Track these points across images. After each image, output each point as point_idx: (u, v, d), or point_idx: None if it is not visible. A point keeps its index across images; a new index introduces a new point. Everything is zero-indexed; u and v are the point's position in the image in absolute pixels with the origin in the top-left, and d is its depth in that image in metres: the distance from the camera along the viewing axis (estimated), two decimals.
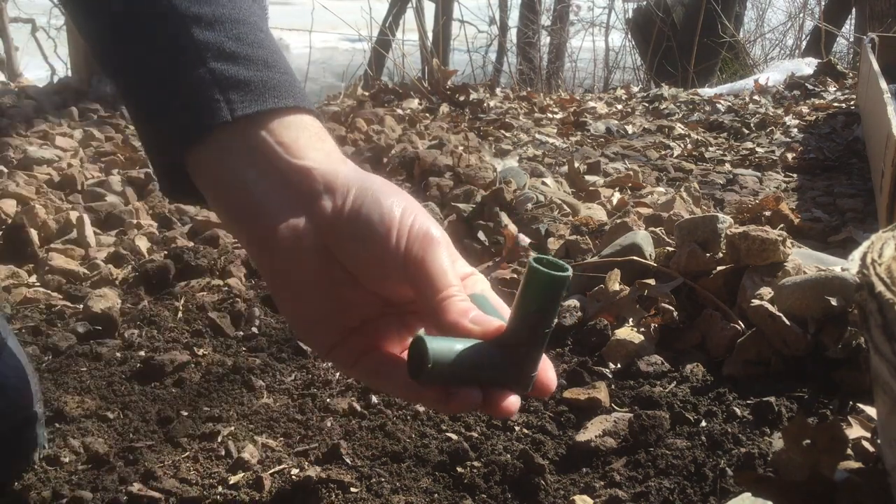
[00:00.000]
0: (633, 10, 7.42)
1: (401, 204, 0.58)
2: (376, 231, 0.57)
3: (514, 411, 0.55)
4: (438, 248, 0.57)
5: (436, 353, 0.51)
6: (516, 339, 0.53)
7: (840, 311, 0.99)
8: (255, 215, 0.59)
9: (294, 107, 0.61)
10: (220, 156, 0.59)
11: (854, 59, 5.29)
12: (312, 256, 0.58)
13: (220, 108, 0.58)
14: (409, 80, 3.46)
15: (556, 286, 0.51)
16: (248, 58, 0.60)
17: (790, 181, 2.16)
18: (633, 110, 3.36)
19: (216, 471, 0.88)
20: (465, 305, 0.55)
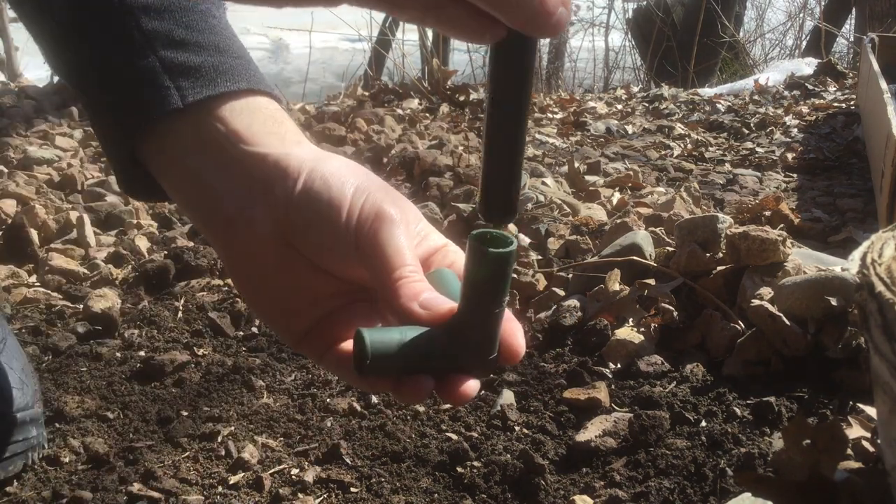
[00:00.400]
0: (633, 10, 7.42)
1: (353, 183, 0.55)
2: (325, 214, 0.54)
3: (470, 396, 0.52)
4: (391, 227, 0.53)
5: (375, 347, 0.49)
6: (467, 323, 0.49)
7: (840, 311, 0.99)
8: (210, 207, 0.58)
9: (247, 89, 0.60)
10: (172, 146, 0.58)
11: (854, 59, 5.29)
12: (270, 245, 0.56)
13: (170, 94, 0.57)
14: (409, 80, 3.46)
15: (500, 263, 0.47)
16: (199, 44, 0.60)
17: (790, 181, 2.16)
18: (633, 110, 3.36)
19: (216, 471, 0.88)
20: (416, 287, 0.51)
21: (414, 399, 0.52)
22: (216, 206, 0.58)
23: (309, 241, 0.56)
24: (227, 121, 0.58)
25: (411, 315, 0.51)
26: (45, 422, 0.94)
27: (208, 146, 0.58)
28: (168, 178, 0.60)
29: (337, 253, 0.55)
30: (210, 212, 0.58)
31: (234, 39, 0.63)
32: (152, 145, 0.59)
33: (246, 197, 0.57)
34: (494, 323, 0.50)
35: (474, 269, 0.48)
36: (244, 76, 0.60)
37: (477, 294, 0.48)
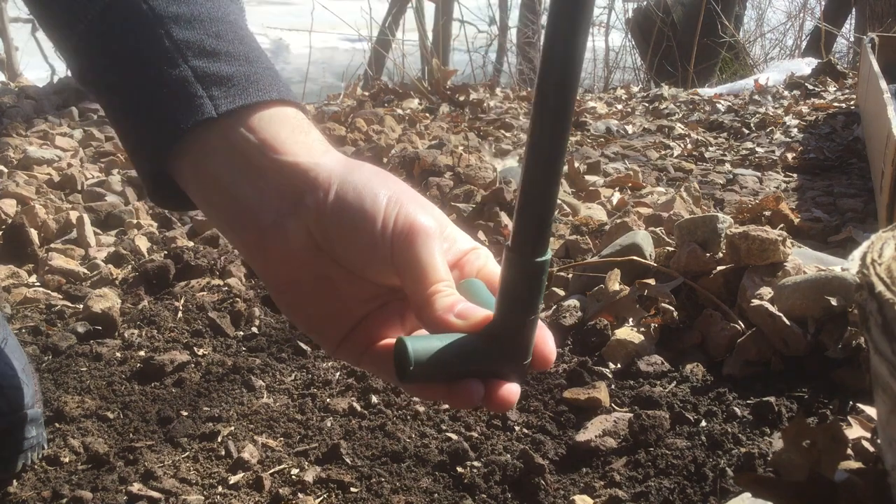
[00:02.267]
0: (633, 9, 7.42)
1: (386, 193, 0.56)
2: (360, 226, 0.55)
3: (512, 402, 0.53)
4: (425, 240, 0.55)
5: (417, 353, 0.50)
6: (503, 330, 0.51)
7: (840, 311, 0.99)
8: (241, 220, 0.58)
9: (277, 99, 0.60)
10: (202, 156, 0.58)
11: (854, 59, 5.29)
12: (305, 256, 0.57)
13: (203, 104, 0.57)
14: (409, 80, 3.46)
15: (536, 272, 0.49)
16: (229, 54, 0.60)
17: (790, 181, 2.16)
18: (633, 110, 3.36)
19: (216, 471, 0.88)
20: (450, 300, 0.53)
21: (467, 403, 0.53)
22: (249, 216, 0.58)
23: (344, 252, 0.57)
24: (257, 130, 0.58)
25: (448, 325, 0.52)
26: (46, 422, 0.95)
27: (238, 156, 0.58)
28: (198, 188, 0.60)
29: (372, 263, 0.56)
30: (243, 222, 0.58)
31: (261, 50, 0.64)
32: (182, 156, 0.59)
33: (278, 207, 0.57)
34: (529, 330, 0.52)
35: (510, 278, 0.50)
36: (274, 87, 0.61)
37: (513, 302, 0.50)
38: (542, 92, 0.45)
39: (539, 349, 0.54)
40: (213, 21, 0.60)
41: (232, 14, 0.62)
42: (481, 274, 0.58)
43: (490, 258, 0.59)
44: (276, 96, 0.60)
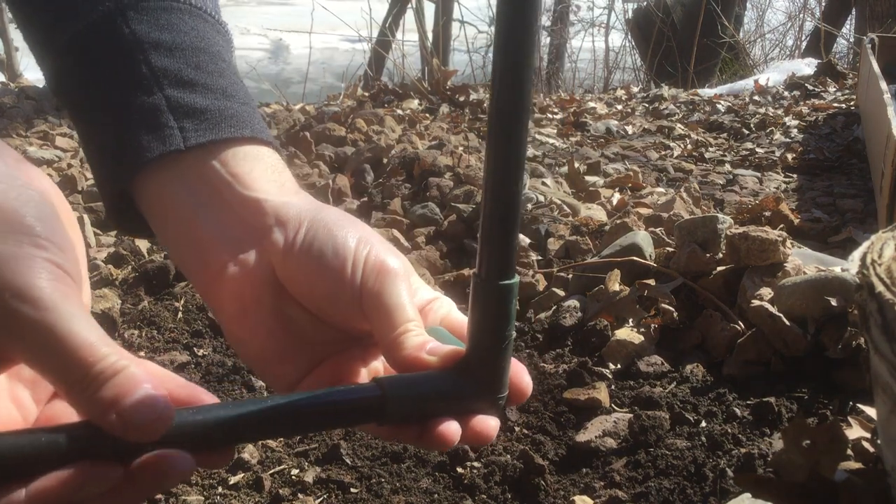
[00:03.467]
0: (633, 10, 7.42)
1: (355, 235, 0.55)
2: (330, 264, 0.54)
3: (490, 436, 0.52)
4: (395, 281, 0.54)
5: (393, 394, 0.49)
6: (476, 360, 0.51)
7: (840, 311, 0.99)
8: (201, 250, 0.57)
9: (251, 137, 0.59)
10: (168, 185, 0.57)
11: (854, 59, 5.29)
12: (265, 294, 0.55)
13: (173, 135, 0.56)
14: (409, 80, 3.46)
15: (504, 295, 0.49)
16: (207, 86, 0.59)
17: (790, 181, 2.16)
18: (633, 111, 3.36)
19: (216, 471, 0.88)
20: (420, 339, 0.52)
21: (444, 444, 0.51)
22: (209, 249, 0.56)
23: (309, 291, 0.55)
24: (228, 165, 0.57)
25: (419, 363, 0.51)
26: None
27: (204, 188, 0.57)
28: (158, 217, 0.58)
29: (338, 303, 0.55)
30: (202, 255, 0.57)
31: (241, 85, 0.63)
32: (146, 183, 0.58)
33: (242, 242, 0.56)
34: (502, 358, 0.51)
35: (479, 304, 0.49)
36: (248, 124, 0.60)
37: (483, 330, 0.50)
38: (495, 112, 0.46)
39: (514, 382, 0.53)
40: (195, 51, 0.59)
41: (216, 45, 0.61)
42: (445, 322, 0.57)
43: (453, 307, 0.58)
44: (249, 134, 0.59)
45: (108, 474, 0.40)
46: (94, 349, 0.41)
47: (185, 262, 0.59)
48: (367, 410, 0.49)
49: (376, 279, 0.53)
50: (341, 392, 0.50)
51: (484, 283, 0.48)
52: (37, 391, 0.49)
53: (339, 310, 0.55)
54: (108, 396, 0.40)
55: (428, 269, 1.43)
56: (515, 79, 0.46)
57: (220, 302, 0.57)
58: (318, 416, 0.48)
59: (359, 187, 1.94)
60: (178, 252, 0.59)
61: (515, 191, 0.47)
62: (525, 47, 0.45)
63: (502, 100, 0.46)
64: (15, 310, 0.39)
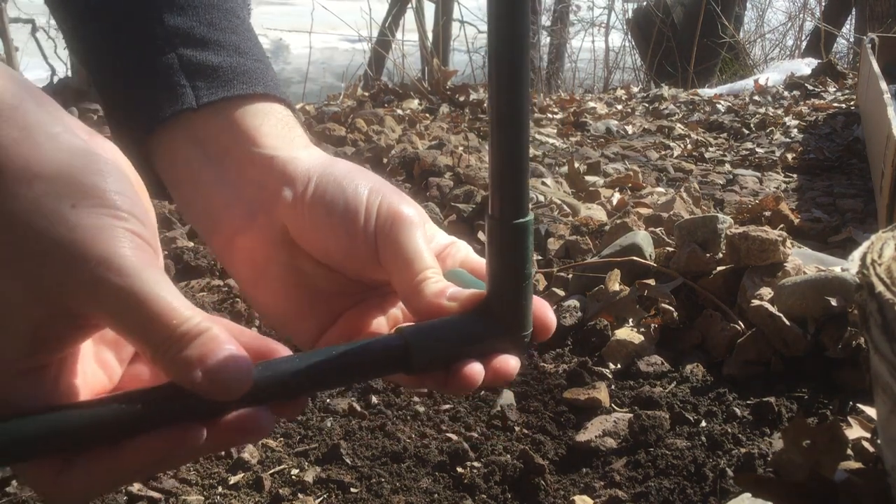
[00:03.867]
0: (633, 10, 7.42)
1: (367, 185, 0.55)
2: (342, 217, 0.53)
3: (511, 374, 0.51)
4: (410, 228, 0.53)
5: (417, 342, 0.49)
6: (497, 302, 0.50)
7: (840, 311, 0.99)
8: (212, 213, 0.57)
9: (263, 94, 0.59)
10: (180, 146, 0.57)
11: (854, 59, 5.29)
12: (278, 253, 0.56)
13: (185, 94, 0.57)
14: (409, 80, 3.46)
15: (520, 233, 0.49)
16: (219, 43, 0.59)
17: (790, 181, 2.16)
18: (633, 110, 3.36)
19: (216, 471, 0.88)
20: (440, 286, 0.51)
21: (469, 387, 0.50)
22: (221, 211, 0.57)
23: (323, 245, 0.55)
24: (238, 122, 0.58)
25: (441, 310, 0.51)
26: None
27: (215, 148, 0.57)
28: (172, 176, 0.59)
29: (353, 255, 0.54)
30: (214, 218, 0.57)
31: (256, 42, 0.63)
32: (160, 144, 0.58)
33: (252, 202, 0.56)
34: (524, 297, 0.51)
35: (496, 246, 0.49)
36: (261, 80, 0.60)
37: (502, 270, 0.49)
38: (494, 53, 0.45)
39: (538, 318, 0.52)
40: (208, 8, 0.59)
41: (229, 2, 0.61)
42: (463, 265, 0.57)
43: (470, 251, 0.58)
44: (262, 90, 0.59)
45: (195, 437, 0.42)
46: (178, 312, 0.41)
47: (199, 225, 0.59)
48: (392, 361, 0.49)
49: (391, 227, 0.53)
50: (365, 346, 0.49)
51: (498, 224, 0.48)
52: (119, 352, 0.50)
53: (355, 261, 0.55)
54: (194, 356, 0.41)
55: None
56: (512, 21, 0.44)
57: (235, 264, 0.57)
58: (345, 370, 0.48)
59: None
60: (192, 215, 0.59)
61: (522, 129, 0.46)
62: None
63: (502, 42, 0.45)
64: (100, 278, 0.41)
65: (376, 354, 0.49)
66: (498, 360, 0.51)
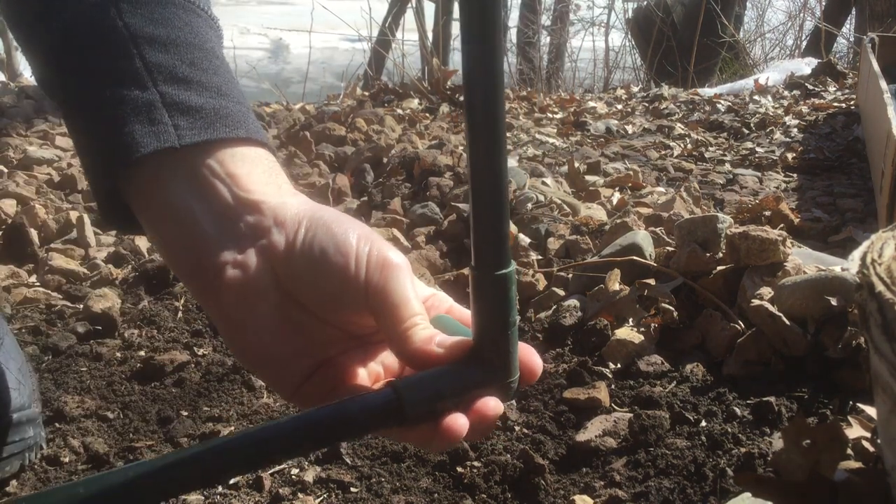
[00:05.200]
0: (633, 9, 7.42)
1: (355, 232, 0.55)
2: (333, 262, 0.54)
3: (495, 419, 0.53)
4: (399, 275, 0.54)
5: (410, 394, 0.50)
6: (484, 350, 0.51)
7: (840, 311, 0.99)
8: (198, 251, 0.56)
9: (246, 138, 0.58)
10: (162, 182, 0.56)
11: (854, 59, 5.29)
12: (267, 296, 0.55)
13: (167, 131, 0.55)
14: (409, 80, 3.46)
15: (502, 284, 0.50)
16: (202, 84, 0.58)
17: (790, 181, 2.16)
18: (633, 110, 3.36)
19: None
20: (429, 332, 0.53)
21: (452, 442, 0.52)
22: (205, 250, 0.55)
23: (312, 291, 0.55)
24: (225, 165, 0.57)
25: (429, 356, 0.52)
26: (45, 422, 0.95)
27: (200, 187, 0.56)
28: (151, 216, 0.57)
29: (342, 302, 0.55)
30: (196, 257, 0.56)
31: (235, 83, 0.62)
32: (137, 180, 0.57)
33: (240, 244, 0.55)
34: (510, 343, 0.52)
35: (480, 296, 0.50)
36: (243, 124, 0.59)
37: (487, 320, 0.51)
38: (470, 106, 0.46)
39: (524, 363, 0.53)
40: (189, 47, 0.59)
41: (209, 42, 0.61)
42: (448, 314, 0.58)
43: (452, 301, 0.59)
44: (245, 134, 0.58)
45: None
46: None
47: (179, 264, 0.58)
48: (386, 416, 0.50)
49: (381, 274, 0.54)
50: (359, 401, 0.51)
51: (481, 275, 0.49)
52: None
53: (344, 307, 0.55)
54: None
55: (428, 268, 1.43)
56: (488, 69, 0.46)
57: (219, 306, 0.56)
58: (340, 427, 0.50)
59: (359, 187, 1.94)
60: (171, 252, 0.58)
61: (500, 181, 0.47)
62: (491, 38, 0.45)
63: (476, 92, 0.46)
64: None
65: (371, 409, 0.50)
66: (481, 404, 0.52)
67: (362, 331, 0.58)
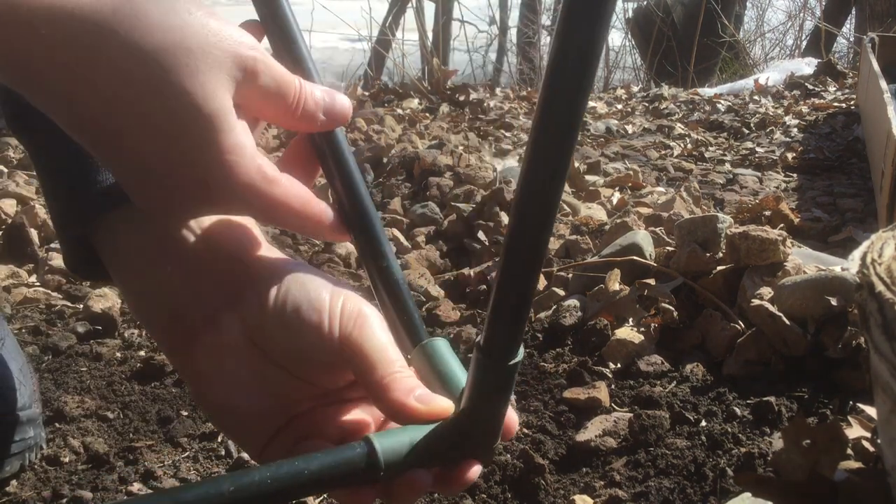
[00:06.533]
0: (633, 9, 7.42)
1: (328, 287, 0.55)
2: (306, 318, 0.53)
3: (474, 479, 0.52)
4: (374, 325, 0.53)
5: (387, 453, 0.48)
6: (475, 426, 0.50)
7: (840, 311, 0.99)
8: (170, 308, 0.55)
9: None
10: (133, 235, 0.56)
11: (854, 59, 5.29)
12: (240, 354, 0.54)
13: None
14: (409, 80, 3.46)
15: (509, 373, 0.48)
16: None
17: (790, 181, 2.16)
18: (633, 110, 3.36)
19: (216, 471, 0.88)
20: (409, 383, 0.52)
21: (413, 497, 0.51)
22: (180, 308, 0.55)
23: (287, 349, 0.54)
24: (198, 220, 0.56)
25: (407, 409, 0.51)
26: (46, 422, 0.95)
27: (174, 244, 0.55)
28: (121, 270, 0.57)
29: (318, 356, 0.54)
30: (172, 314, 0.55)
31: None
32: (108, 230, 0.56)
33: (213, 300, 0.55)
34: (501, 419, 0.51)
35: (480, 381, 0.48)
36: None
37: (484, 403, 0.49)
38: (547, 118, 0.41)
39: (504, 427, 0.53)
40: None
41: None
42: None
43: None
44: None
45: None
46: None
47: (150, 319, 0.57)
48: (359, 471, 0.48)
49: (355, 325, 0.53)
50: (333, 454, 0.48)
51: (488, 361, 0.47)
52: None
53: (318, 364, 0.54)
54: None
55: (428, 268, 1.43)
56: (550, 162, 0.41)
57: (191, 364, 0.56)
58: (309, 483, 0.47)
59: None
60: (142, 307, 0.57)
61: (537, 265, 0.45)
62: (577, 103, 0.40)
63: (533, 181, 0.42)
64: None
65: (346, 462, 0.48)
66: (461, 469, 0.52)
67: (335, 386, 0.57)
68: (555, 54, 0.39)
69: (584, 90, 0.39)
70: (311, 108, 0.54)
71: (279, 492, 0.45)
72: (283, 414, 0.56)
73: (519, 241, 0.44)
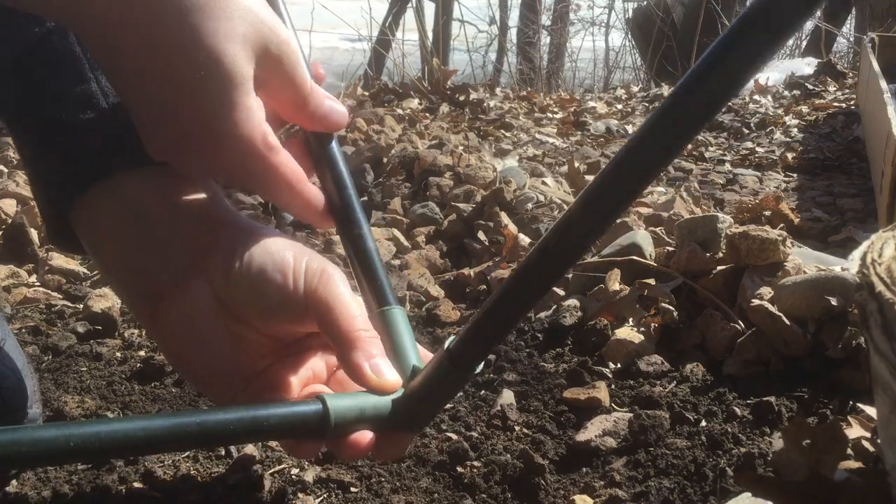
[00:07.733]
0: (633, 9, 7.42)
1: (290, 248, 0.58)
2: (272, 279, 0.57)
3: (407, 447, 0.60)
4: (338, 282, 0.58)
5: (337, 415, 0.54)
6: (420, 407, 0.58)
7: (840, 311, 0.99)
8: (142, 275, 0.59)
9: None
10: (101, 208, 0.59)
11: (854, 59, 5.29)
12: (210, 316, 0.58)
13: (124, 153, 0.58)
14: (409, 80, 3.46)
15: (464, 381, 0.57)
16: None
17: (790, 181, 2.16)
18: (634, 110, 3.36)
19: (216, 471, 0.88)
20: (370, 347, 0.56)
21: (355, 455, 0.57)
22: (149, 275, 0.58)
23: (254, 308, 0.58)
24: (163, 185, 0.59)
25: (360, 374, 0.56)
26: (45, 421, 0.94)
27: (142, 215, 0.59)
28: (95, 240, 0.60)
29: (283, 315, 0.58)
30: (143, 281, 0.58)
31: None
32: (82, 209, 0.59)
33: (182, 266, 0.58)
34: (442, 407, 0.63)
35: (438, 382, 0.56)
36: None
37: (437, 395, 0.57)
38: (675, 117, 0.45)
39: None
40: None
41: None
42: None
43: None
44: None
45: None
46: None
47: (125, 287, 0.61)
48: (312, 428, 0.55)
49: (319, 281, 0.57)
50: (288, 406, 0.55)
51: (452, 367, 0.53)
52: None
53: (286, 319, 0.59)
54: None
55: (428, 268, 1.43)
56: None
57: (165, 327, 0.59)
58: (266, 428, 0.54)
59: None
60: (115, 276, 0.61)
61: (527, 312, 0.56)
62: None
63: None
64: None
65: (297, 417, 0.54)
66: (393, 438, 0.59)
67: (295, 337, 0.61)
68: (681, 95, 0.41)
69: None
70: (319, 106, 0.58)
71: (238, 436, 0.54)
72: (250, 368, 0.60)
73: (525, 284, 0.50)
